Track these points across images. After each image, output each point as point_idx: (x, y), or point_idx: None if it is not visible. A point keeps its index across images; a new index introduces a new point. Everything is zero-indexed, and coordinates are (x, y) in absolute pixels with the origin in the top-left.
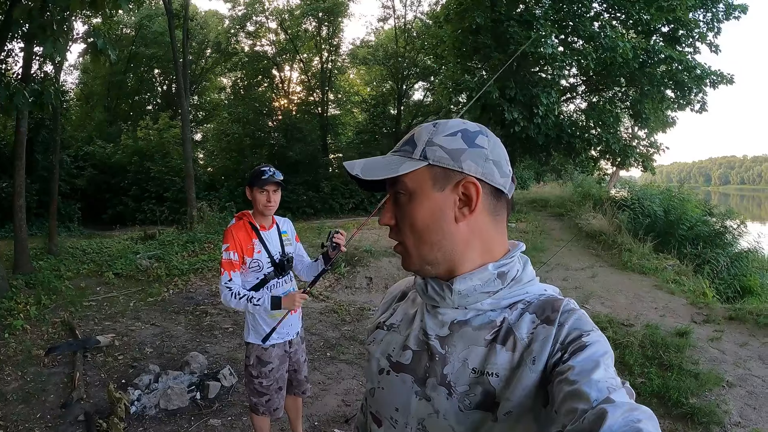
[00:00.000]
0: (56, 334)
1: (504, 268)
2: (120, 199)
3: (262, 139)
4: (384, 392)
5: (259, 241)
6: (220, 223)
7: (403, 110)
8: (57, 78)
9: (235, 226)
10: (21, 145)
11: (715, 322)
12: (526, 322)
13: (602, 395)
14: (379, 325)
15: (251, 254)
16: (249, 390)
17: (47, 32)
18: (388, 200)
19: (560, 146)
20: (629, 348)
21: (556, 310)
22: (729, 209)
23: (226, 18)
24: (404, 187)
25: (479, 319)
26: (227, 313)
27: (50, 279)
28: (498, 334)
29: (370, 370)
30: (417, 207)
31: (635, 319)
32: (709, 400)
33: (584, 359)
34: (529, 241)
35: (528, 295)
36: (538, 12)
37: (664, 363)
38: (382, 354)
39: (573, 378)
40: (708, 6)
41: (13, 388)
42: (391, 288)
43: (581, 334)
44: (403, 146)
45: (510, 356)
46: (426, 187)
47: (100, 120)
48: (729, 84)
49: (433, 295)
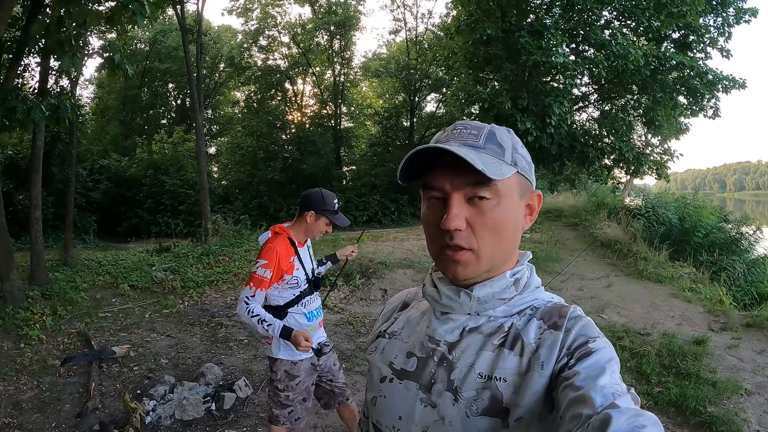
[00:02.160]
0: (72, 344)
1: (518, 275)
2: (135, 211)
3: (275, 152)
4: (386, 401)
5: (298, 258)
6: (235, 235)
7: (416, 122)
8: (73, 92)
9: (279, 241)
10: (37, 159)
11: (733, 329)
12: (533, 327)
13: (607, 401)
14: (380, 334)
15: (291, 271)
16: (273, 402)
17: (65, 48)
18: (454, 202)
19: (573, 155)
20: (646, 357)
21: (563, 316)
22: (744, 215)
23: (238, 32)
24: (495, 190)
25: (490, 325)
26: (242, 325)
27: (66, 290)
28: (506, 339)
29: (372, 379)
30: (504, 212)
31: (652, 328)
32: (728, 408)
33: (590, 365)
34: (543, 251)
35: (537, 301)
36: (548, 21)
37: (681, 372)
38: (384, 362)
39: (578, 383)
40: (718, 11)
41: (29, 397)
42: (392, 299)
43: (587, 340)
44: (488, 143)
45: (518, 361)
46: (514, 193)
47: (115, 134)
48: (741, 89)
49: (448, 302)
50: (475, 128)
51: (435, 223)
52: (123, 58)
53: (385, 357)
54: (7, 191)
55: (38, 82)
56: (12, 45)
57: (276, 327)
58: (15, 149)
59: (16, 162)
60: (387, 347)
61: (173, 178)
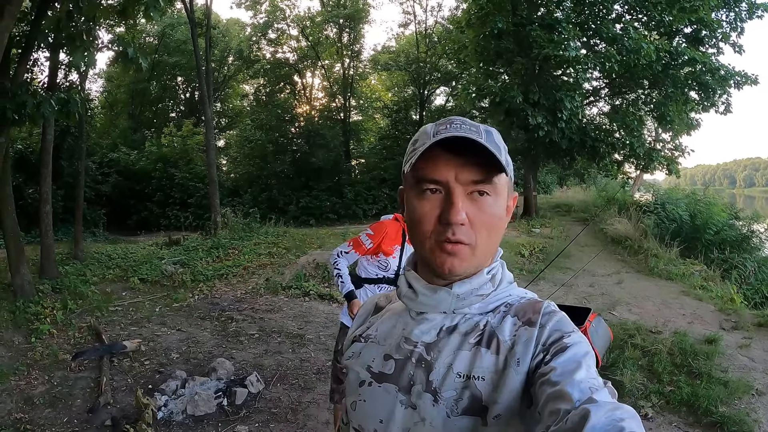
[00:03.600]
0: (83, 338)
1: (494, 271)
2: (144, 205)
3: (284, 146)
4: (366, 404)
5: (401, 249)
6: (244, 229)
7: (425, 115)
8: (82, 86)
9: (392, 225)
10: (47, 153)
11: (744, 328)
12: (508, 324)
13: (585, 395)
14: (356, 338)
15: (388, 255)
16: (332, 376)
17: (77, 42)
18: (457, 196)
19: (584, 150)
20: (658, 356)
21: (537, 312)
22: (755, 213)
23: (247, 26)
24: (494, 187)
25: (466, 324)
26: (253, 320)
27: (76, 284)
28: (482, 337)
29: (351, 384)
30: (499, 210)
31: (663, 326)
32: (739, 408)
33: (566, 360)
34: (554, 247)
35: (510, 297)
36: (559, 15)
37: (693, 371)
38: (362, 366)
39: (555, 379)
40: (731, 5)
41: (40, 392)
42: (364, 303)
43: (562, 335)
44: (491, 143)
45: (495, 359)
46: (505, 192)
47: (124, 127)
48: (754, 84)
49: (425, 300)
50: (473, 125)
51: (433, 216)
52: (136, 52)
53: (363, 361)
54: (17, 185)
55: (47, 76)
56: (21, 40)
57: (345, 287)
58: (24, 143)
59: (25, 156)
60: (364, 351)
61: (182, 171)
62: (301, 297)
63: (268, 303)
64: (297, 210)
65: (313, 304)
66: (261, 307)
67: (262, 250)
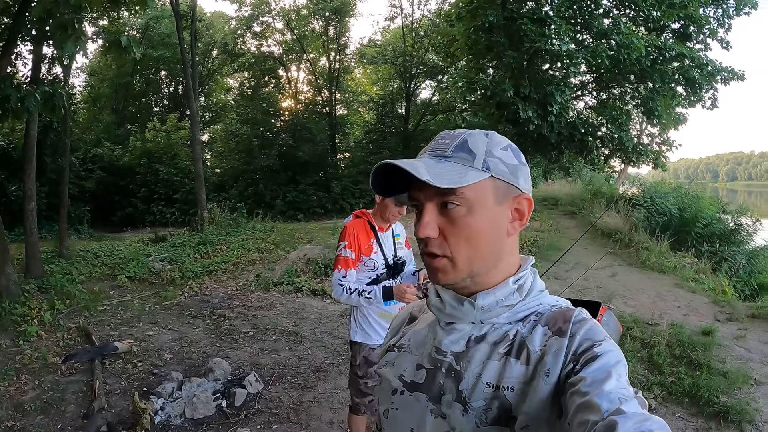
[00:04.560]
0: (72, 340)
1: (521, 281)
2: (129, 200)
3: (270, 140)
4: (398, 413)
5: (377, 241)
6: (231, 224)
7: (411, 109)
8: (66, 80)
9: (355, 224)
10: (31, 149)
11: (739, 320)
12: (538, 334)
13: (613, 406)
14: (390, 348)
15: (368, 254)
16: (353, 390)
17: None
18: (426, 211)
19: (573, 144)
20: (657, 347)
21: (567, 320)
22: (743, 206)
23: (232, 19)
24: (463, 197)
25: (495, 333)
26: (246, 317)
27: (63, 283)
28: (512, 347)
29: (383, 393)
30: (477, 219)
31: (659, 319)
32: (739, 398)
33: (596, 370)
34: (545, 240)
35: (541, 306)
36: (547, 9)
37: (692, 362)
38: (395, 375)
39: (585, 389)
40: (719, 2)
41: (30, 398)
42: (399, 313)
43: (593, 344)
44: (457, 152)
45: (524, 369)
46: (487, 199)
47: (107, 122)
48: (740, 80)
49: (452, 312)
50: (451, 137)
51: None
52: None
53: (396, 370)
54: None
55: (31, 70)
56: (4, 32)
57: (377, 291)
58: (6, 139)
59: (7, 152)
60: (397, 360)
61: (167, 166)
62: (293, 293)
63: (260, 300)
64: (284, 204)
65: (307, 300)
66: (253, 304)
67: (251, 246)
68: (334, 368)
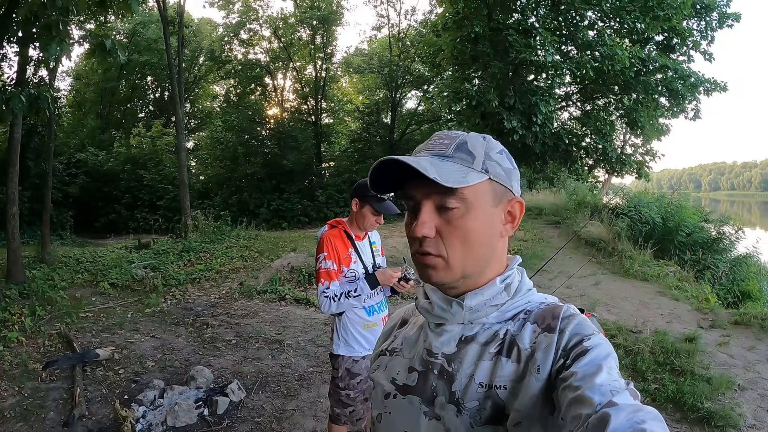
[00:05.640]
0: (53, 346)
1: (508, 280)
2: (113, 206)
3: (255, 148)
4: (392, 416)
5: (355, 251)
6: (215, 232)
7: (396, 119)
8: (51, 83)
9: (332, 234)
10: (15, 152)
11: (722, 327)
12: (527, 331)
13: (605, 399)
14: (382, 352)
15: (348, 264)
16: (333, 401)
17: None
18: (424, 210)
19: (557, 154)
20: (640, 354)
21: (556, 317)
22: (725, 216)
23: (219, 26)
24: (462, 198)
25: (485, 333)
26: (229, 325)
27: (44, 289)
28: (502, 346)
29: (376, 397)
30: (474, 220)
31: (643, 326)
32: (723, 404)
33: (586, 364)
34: (529, 249)
35: (530, 304)
36: (533, 20)
37: (676, 368)
38: (387, 379)
39: (576, 384)
40: (702, 15)
41: (10, 404)
42: (393, 316)
43: (582, 338)
44: (457, 152)
45: (515, 367)
46: (485, 200)
47: (92, 127)
48: (723, 91)
49: (441, 313)
50: (450, 138)
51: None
52: (114, 44)
53: (388, 374)
54: None
55: (16, 72)
56: None
57: (360, 286)
58: None
59: None
60: (389, 364)
61: (151, 172)
62: (276, 301)
63: (243, 308)
64: (268, 213)
65: (290, 308)
66: (236, 312)
67: (235, 254)
68: (318, 377)
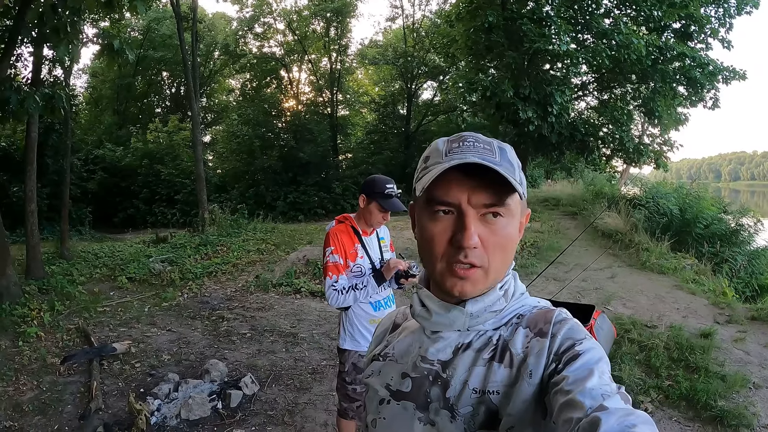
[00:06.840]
0: (71, 341)
1: (506, 286)
2: (131, 201)
3: (271, 141)
4: (386, 422)
5: (362, 246)
6: (232, 225)
7: (412, 110)
8: (67, 82)
9: (338, 229)
10: (32, 150)
11: (738, 322)
12: (520, 336)
13: (596, 403)
14: (374, 357)
15: (354, 259)
16: (340, 395)
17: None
18: (470, 219)
19: (573, 145)
20: (654, 350)
21: (548, 321)
22: (744, 207)
23: (233, 20)
24: (508, 208)
25: (480, 340)
26: (244, 318)
27: (63, 284)
28: (495, 352)
29: (371, 402)
30: (512, 230)
31: (658, 321)
32: (737, 402)
33: (578, 368)
34: (545, 241)
35: (522, 308)
36: (548, 9)
37: (690, 365)
38: (381, 384)
39: (567, 388)
40: (720, 1)
41: (29, 398)
42: (382, 321)
43: (574, 343)
44: (503, 161)
45: (508, 372)
46: (518, 210)
47: (109, 123)
48: (742, 80)
49: (439, 320)
50: (487, 143)
51: (444, 238)
52: (122, 44)
53: (382, 379)
54: (1, 183)
55: (31, 72)
56: (4, 34)
57: (367, 279)
58: (8, 141)
59: (9, 154)
60: (383, 369)
61: (169, 167)
62: (292, 294)
63: (258, 301)
64: (285, 205)
65: (305, 301)
66: (252, 305)
67: (251, 247)
68: (331, 370)
